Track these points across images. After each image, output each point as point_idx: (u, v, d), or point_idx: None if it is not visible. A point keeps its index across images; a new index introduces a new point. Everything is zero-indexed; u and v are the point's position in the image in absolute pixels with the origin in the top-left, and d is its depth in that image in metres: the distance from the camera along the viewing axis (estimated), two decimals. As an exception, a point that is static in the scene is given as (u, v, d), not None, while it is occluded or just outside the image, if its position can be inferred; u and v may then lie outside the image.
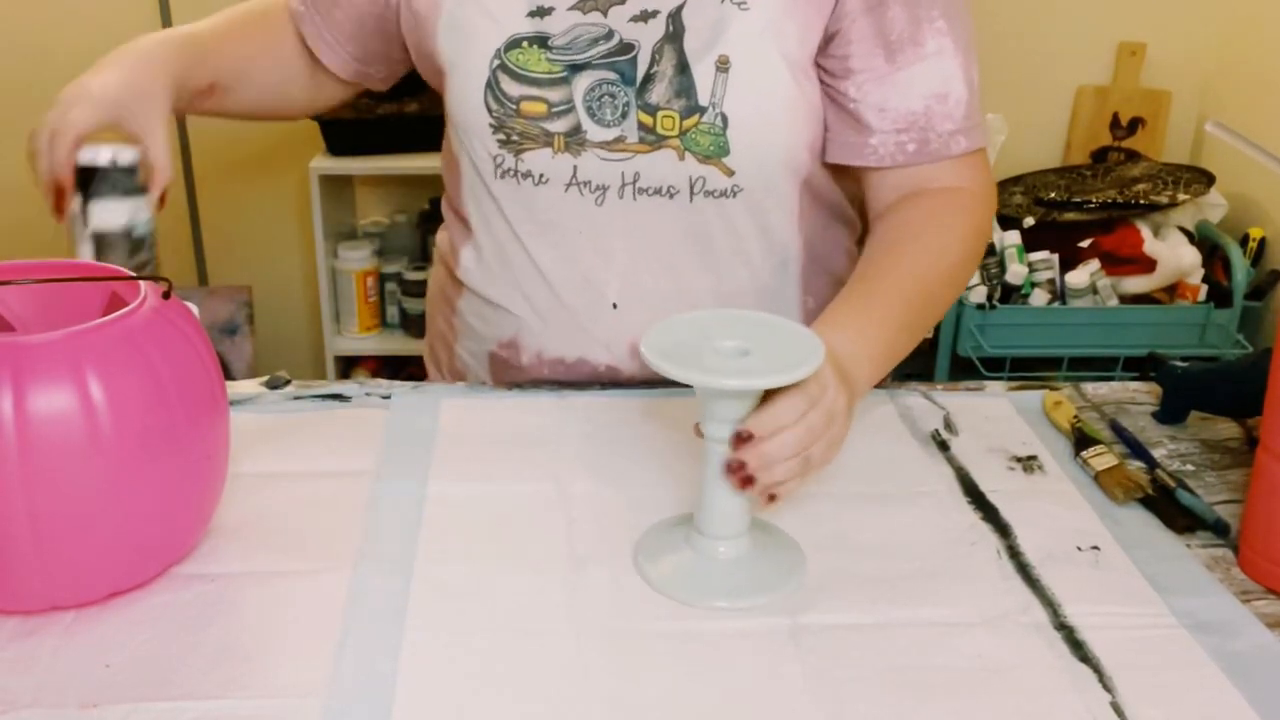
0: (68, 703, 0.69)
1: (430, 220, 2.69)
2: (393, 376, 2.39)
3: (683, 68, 0.99)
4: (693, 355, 0.78)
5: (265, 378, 1.08)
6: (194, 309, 0.83)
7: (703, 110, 1.00)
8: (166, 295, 0.79)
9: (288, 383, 1.08)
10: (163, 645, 0.74)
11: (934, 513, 0.91)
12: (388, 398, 1.06)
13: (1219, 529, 0.89)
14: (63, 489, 0.71)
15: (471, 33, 1.02)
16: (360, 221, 2.73)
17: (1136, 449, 1.00)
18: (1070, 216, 2.49)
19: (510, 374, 1.13)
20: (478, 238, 1.11)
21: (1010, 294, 2.46)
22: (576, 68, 1.01)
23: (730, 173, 1.02)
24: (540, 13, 1.01)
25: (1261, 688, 0.73)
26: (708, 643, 0.76)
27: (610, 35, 1.01)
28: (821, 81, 1.03)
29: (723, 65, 0.99)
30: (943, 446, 1.00)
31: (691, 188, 1.02)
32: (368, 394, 1.07)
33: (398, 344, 2.65)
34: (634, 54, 1.00)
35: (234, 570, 0.82)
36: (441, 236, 1.21)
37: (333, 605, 0.78)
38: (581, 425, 1.02)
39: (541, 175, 1.04)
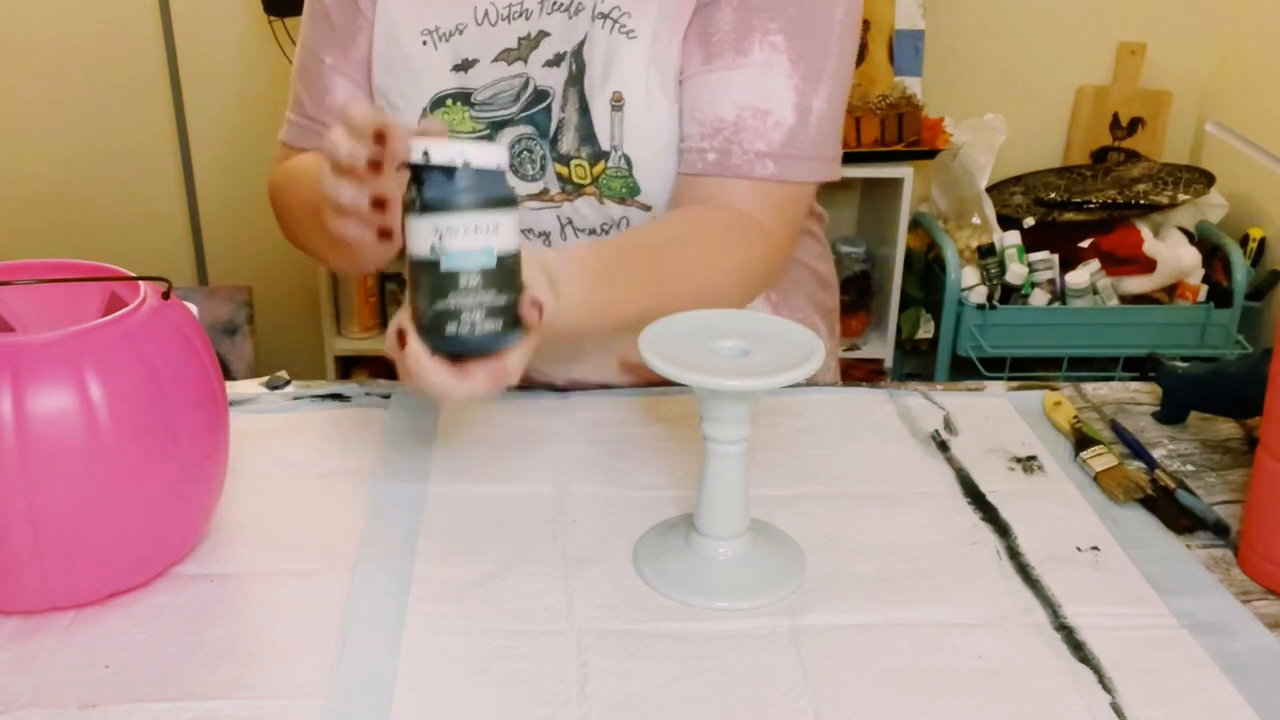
0: (68, 703, 0.69)
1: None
2: (392, 376, 2.39)
3: (584, 110, 0.97)
4: (691, 356, 0.78)
5: (265, 378, 1.08)
6: (194, 309, 0.83)
7: (607, 155, 0.98)
8: (166, 295, 0.79)
9: (288, 383, 1.08)
10: (163, 645, 0.74)
11: (934, 513, 0.91)
12: (388, 397, 1.06)
13: (1219, 530, 0.89)
14: (62, 489, 0.71)
15: (399, 92, 1.01)
16: (360, 221, 2.73)
17: (1137, 449, 1.00)
18: (1070, 216, 2.49)
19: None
20: None
21: (1010, 294, 2.46)
22: (499, 124, 1.00)
23: (648, 208, 1.00)
24: (465, 66, 0.99)
25: (1261, 688, 0.73)
26: (708, 643, 0.76)
27: (528, 85, 0.99)
28: None
29: (617, 103, 0.96)
30: (943, 447, 1.00)
31: (618, 226, 1.01)
32: (368, 394, 1.07)
33: (398, 344, 2.65)
34: (548, 102, 0.99)
35: (234, 570, 0.82)
36: None
37: (333, 605, 0.78)
38: (581, 425, 1.02)
39: None
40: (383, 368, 2.71)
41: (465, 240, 0.71)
